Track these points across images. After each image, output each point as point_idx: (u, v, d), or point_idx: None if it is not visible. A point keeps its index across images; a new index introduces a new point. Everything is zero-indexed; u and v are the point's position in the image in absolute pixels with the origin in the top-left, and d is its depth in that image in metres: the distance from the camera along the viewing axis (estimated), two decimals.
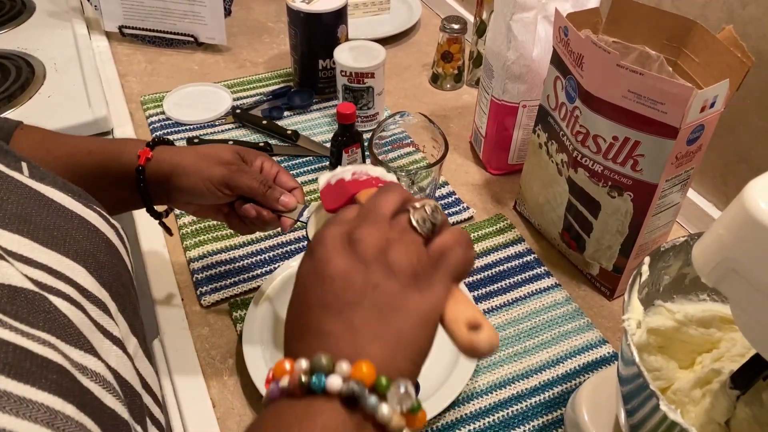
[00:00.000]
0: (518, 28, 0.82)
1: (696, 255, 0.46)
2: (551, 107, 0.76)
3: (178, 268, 0.81)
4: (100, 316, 0.39)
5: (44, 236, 0.38)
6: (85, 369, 0.34)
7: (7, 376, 0.29)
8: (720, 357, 0.58)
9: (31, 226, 0.38)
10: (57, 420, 0.30)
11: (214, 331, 0.74)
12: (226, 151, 0.63)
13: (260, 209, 0.62)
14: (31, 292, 0.34)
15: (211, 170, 0.60)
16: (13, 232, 0.37)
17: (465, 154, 1.02)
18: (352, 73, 0.98)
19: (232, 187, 0.61)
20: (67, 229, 0.40)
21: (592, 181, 0.72)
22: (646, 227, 0.71)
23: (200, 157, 0.62)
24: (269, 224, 0.64)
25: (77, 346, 0.35)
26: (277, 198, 0.62)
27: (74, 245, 0.40)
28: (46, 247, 0.38)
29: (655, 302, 0.60)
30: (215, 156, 0.62)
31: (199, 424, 0.65)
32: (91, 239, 0.42)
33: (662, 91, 0.61)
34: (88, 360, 0.35)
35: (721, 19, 0.77)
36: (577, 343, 0.73)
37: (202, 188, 0.60)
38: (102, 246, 0.43)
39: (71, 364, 0.33)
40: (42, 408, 0.29)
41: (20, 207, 0.38)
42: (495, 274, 0.81)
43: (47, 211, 0.40)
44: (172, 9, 1.19)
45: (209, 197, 0.62)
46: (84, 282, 0.39)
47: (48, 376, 0.31)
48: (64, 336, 0.34)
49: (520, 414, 0.67)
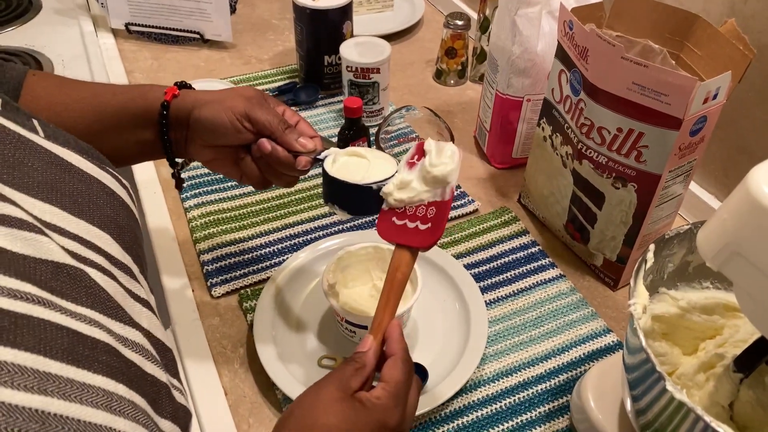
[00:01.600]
0: (523, 23, 0.83)
1: (701, 240, 0.48)
2: (556, 100, 0.78)
3: (188, 260, 0.82)
4: (128, 281, 0.40)
5: (71, 204, 0.38)
6: (126, 341, 0.36)
7: (67, 363, 0.30)
8: (723, 343, 0.59)
9: (58, 193, 0.38)
10: (113, 402, 0.31)
11: (225, 321, 0.75)
12: (251, 89, 0.63)
13: (275, 145, 0.61)
14: (71, 267, 0.34)
15: (233, 101, 0.60)
16: (44, 201, 0.37)
17: (469, 149, 1.03)
18: (358, 68, 0.99)
19: (252, 120, 0.60)
20: (90, 195, 0.41)
21: (596, 172, 0.74)
22: (650, 218, 0.72)
23: (225, 92, 0.62)
24: (282, 164, 0.62)
25: (117, 319, 0.36)
26: (296, 138, 0.61)
27: (97, 212, 0.40)
28: (74, 215, 0.38)
29: (660, 290, 0.61)
30: (240, 92, 0.62)
31: (212, 412, 0.66)
32: (111, 204, 0.42)
33: (666, 83, 0.62)
34: (128, 331, 0.36)
35: (722, 14, 0.78)
36: (582, 332, 0.75)
37: (224, 119, 0.59)
38: (120, 210, 0.43)
39: (114, 338, 0.34)
40: (99, 392, 0.31)
41: (45, 174, 0.38)
42: (500, 265, 0.82)
43: (69, 176, 0.40)
44: (178, 6, 1.20)
45: (229, 130, 0.60)
46: (110, 249, 0.39)
47: (99, 358, 0.32)
48: (105, 310, 0.35)
49: (527, 401, 0.68)
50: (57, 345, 0.30)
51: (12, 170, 0.36)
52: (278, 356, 0.68)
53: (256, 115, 0.59)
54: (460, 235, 0.86)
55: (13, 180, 0.36)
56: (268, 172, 0.63)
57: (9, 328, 0.29)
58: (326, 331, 0.73)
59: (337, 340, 0.72)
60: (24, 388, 0.28)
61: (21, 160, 0.38)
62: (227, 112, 0.59)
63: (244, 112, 0.59)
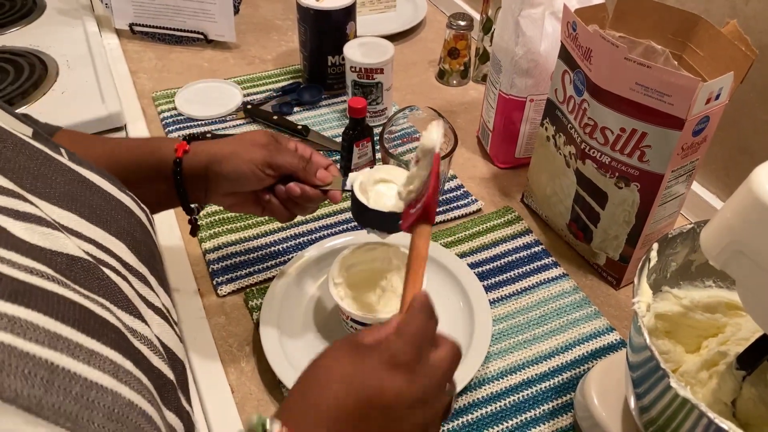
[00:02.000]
0: (526, 23, 0.84)
1: (704, 238, 0.48)
2: (559, 101, 0.78)
3: (194, 259, 0.82)
4: (142, 287, 0.41)
5: (89, 214, 0.41)
6: (135, 332, 0.37)
7: (77, 330, 0.31)
8: (726, 341, 0.59)
9: (78, 204, 0.40)
10: (120, 372, 0.32)
11: (231, 319, 0.75)
12: (260, 134, 0.65)
13: (304, 186, 0.64)
14: (85, 260, 0.36)
15: (251, 153, 0.62)
16: (63, 209, 0.39)
17: (472, 149, 1.04)
18: (362, 68, 1.00)
19: (274, 166, 0.63)
20: (107, 209, 0.43)
21: (599, 172, 0.74)
22: (653, 217, 0.73)
23: (237, 142, 0.64)
24: (313, 201, 0.66)
25: (127, 311, 0.37)
26: (314, 173, 0.64)
27: (114, 224, 0.42)
28: (91, 223, 0.40)
29: (663, 288, 0.62)
30: (252, 140, 0.64)
31: (219, 409, 0.67)
32: (128, 219, 0.44)
33: (669, 84, 0.62)
34: (137, 324, 0.38)
35: (724, 15, 0.79)
36: (585, 331, 0.75)
37: (246, 171, 0.62)
38: (137, 226, 0.45)
39: (123, 326, 0.36)
40: (107, 361, 0.32)
41: (66, 187, 0.41)
42: (504, 264, 0.83)
43: (89, 191, 0.43)
44: (182, 7, 1.20)
45: (252, 180, 0.63)
46: (125, 257, 0.41)
47: (108, 335, 0.33)
48: (116, 301, 0.37)
49: (531, 398, 0.69)
50: (68, 314, 0.32)
51: (35, 180, 0.39)
52: (284, 354, 0.69)
53: (277, 161, 0.63)
54: (463, 234, 0.87)
55: (35, 188, 0.38)
56: (295, 208, 0.67)
57: (23, 292, 0.30)
58: (332, 329, 0.74)
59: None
60: (35, 341, 0.29)
61: (44, 173, 0.40)
62: (248, 164, 0.62)
63: (265, 161, 0.62)
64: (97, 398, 0.31)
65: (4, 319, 0.29)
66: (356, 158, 0.91)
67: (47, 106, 1.04)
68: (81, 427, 0.29)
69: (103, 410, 0.31)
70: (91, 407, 0.30)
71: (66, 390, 0.29)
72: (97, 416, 0.30)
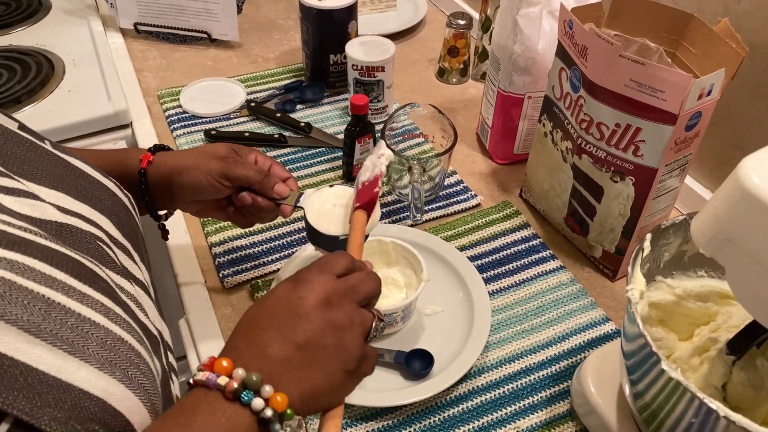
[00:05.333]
0: (524, 22, 0.86)
1: (694, 228, 0.50)
2: (556, 97, 0.80)
3: (201, 252, 0.84)
4: (126, 260, 0.44)
5: (75, 193, 0.44)
6: (122, 288, 0.40)
7: (71, 276, 0.35)
8: (717, 328, 0.61)
9: (64, 184, 0.43)
10: (110, 314, 0.36)
11: (237, 311, 0.77)
12: (221, 147, 0.68)
13: (255, 196, 0.67)
14: (74, 227, 0.39)
15: (209, 165, 0.65)
16: (50, 188, 0.42)
17: (472, 145, 1.06)
18: (364, 66, 1.02)
19: (230, 178, 0.65)
20: (92, 190, 0.46)
21: (595, 166, 0.76)
22: (647, 210, 0.75)
23: (198, 154, 0.67)
24: (266, 212, 0.68)
25: (114, 271, 0.41)
26: (272, 186, 0.66)
27: (99, 203, 0.45)
28: (77, 200, 0.43)
29: (656, 278, 0.64)
30: (212, 152, 0.67)
31: None
32: (112, 200, 0.48)
33: (662, 80, 0.64)
34: (123, 282, 0.41)
35: (716, 13, 0.81)
36: (582, 321, 0.77)
37: (203, 182, 0.65)
38: (120, 207, 0.48)
39: (112, 282, 0.39)
40: (99, 303, 0.35)
41: (52, 170, 0.44)
42: (502, 257, 0.85)
43: (74, 174, 0.46)
44: (186, 6, 1.22)
45: (210, 190, 0.66)
46: (110, 230, 0.44)
47: (99, 284, 0.37)
48: (103, 263, 0.40)
49: (529, 386, 0.71)
50: (62, 263, 0.35)
51: (22, 164, 0.42)
52: None
53: (234, 173, 0.65)
54: (463, 228, 0.89)
55: (22, 172, 0.41)
56: (252, 216, 0.70)
57: (20, 242, 0.34)
58: None
59: None
60: (33, 279, 0.32)
61: (31, 158, 0.43)
62: (206, 176, 0.65)
63: (222, 173, 0.65)
64: (91, 330, 0.34)
65: (3, 262, 0.32)
66: (358, 154, 0.93)
67: (54, 104, 1.06)
68: (77, 350, 0.32)
69: (96, 341, 0.34)
70: (85, 337, 0.33)
71: (62, 321, 0.33)
72: (91, 344, 0.33)
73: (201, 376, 0.39)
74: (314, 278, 0.45)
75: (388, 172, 0.91)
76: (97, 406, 0.33)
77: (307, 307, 0.43)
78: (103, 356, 0.33)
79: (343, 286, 0.46)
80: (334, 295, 0.45)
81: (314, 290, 0.44)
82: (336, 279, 0.47)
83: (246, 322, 0.44)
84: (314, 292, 0.44)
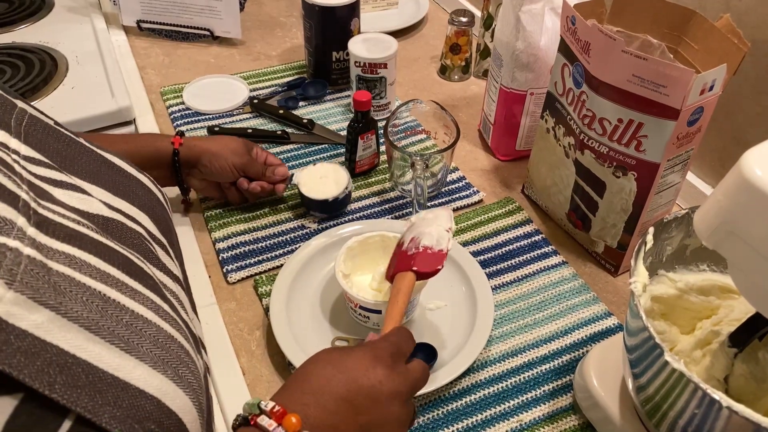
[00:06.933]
0: (527, 18, 0.86)
1: (697, 220, 0.51)
2: (559, 93, 0.81)
3: (204, 248, 0.85)
4: (164, 256, 0.44)
5: (114, 189, 0.44)
6: (165, 286, 0.40)
7: (123, 272, 0.35)
8: (719, 321, 0.62)
9: (103, 179, 0.44)
10: (160, 312, 0.36)
11: (241, 305, 0.78)
12: (237, 143, 0.85)
13: (264, 185, 0.86)
14: (118, 221, 0.40)
15: (233, 158, 0.83)
16: (91, 183, 0.42)
17: (474, 142, 1.06)
18: (366, 63, 1.02)
19: (247, 173, 0.85)
20: (129, 185, 0.46)
21: (598, 162, 0.77)
22: (649, 205, 0.76)
23: (222, 146, 0.83)
24: (266, 194, 0.88)
25: (158, 268, 0.41)
26: (272, 172, 0.86)
27: (137, 199, 0.46)
28: (117, 196, 0.43)
29: (659, 272, 0.64)
30: (232, 147, 0.84)
31: (231, 390, 0.69)
32: (148, 196, 0.48)
33: (664, 75, 0.65)
34: (166, 279, 0.41)
35: (718, 9, 0.81)
36: (584, 316, 0.78)
37: (226, 167, 0.83)
38: (156, 203, 0.49)
39: (156, 279, 0.39)
40: (149, 300, 0.36)
41: (91, 165, 0.44)
42: (505, 252, 0.85)
43: (111, 170, 0.46)
44: (188, 4, 1.23)
45: (228, 176, 0.84)
46: (149, 227, 0.44)
47: (147, 281, 0.37)
48: (148, 259, 0.40)
49: (532, 380, 0.71)
50: (114, 259, 0.35)
51: (64, 160, 0.42)
52: (294, 337, 0.71)
53: (248, 170, 0.85)
54: (466, 224, 0.89)
55: (65, 166, 0.41)
56: (249, 196, 0.88)
57: (76, 236, 0.34)
58: (338, 314, 0.76)
59: (348, 323, 0.75)
60: (89, 275, 0.33)
61: (71, 153, 0.43)
62: (229, 165, 0.83)
63: (241, 167, 0.84)
64: (144, 328, 0.34)
65: (62, 256, 0.32)
66: (361, 150, 0.94)
67: (58, 101, 1.07)
68: (132, 348, 0.33)
69: (149, 338, 0.34)
70: (139, 334, 0.34)
71: (118, 318, 0.33)
72: (145, 342, 0.34)
73: (267, 425, 0.41)
74: (392, 364, 0.50)
75: (391, 168, 0.91)
76: (153, 404, 0.32)
77: (385, 394, 0.48)
78: (156, 354, 0.33)
79: (412, 384, 0.52)
80: (405, 392, 0.50)
81: (393, 380, 0.49)
82: (407, 371, 0.52)
83: (318, 382, 0.47)
84: (393, 382, 0.49)
